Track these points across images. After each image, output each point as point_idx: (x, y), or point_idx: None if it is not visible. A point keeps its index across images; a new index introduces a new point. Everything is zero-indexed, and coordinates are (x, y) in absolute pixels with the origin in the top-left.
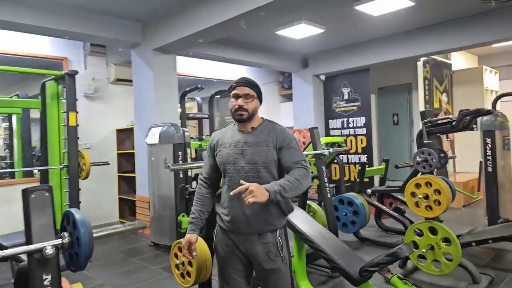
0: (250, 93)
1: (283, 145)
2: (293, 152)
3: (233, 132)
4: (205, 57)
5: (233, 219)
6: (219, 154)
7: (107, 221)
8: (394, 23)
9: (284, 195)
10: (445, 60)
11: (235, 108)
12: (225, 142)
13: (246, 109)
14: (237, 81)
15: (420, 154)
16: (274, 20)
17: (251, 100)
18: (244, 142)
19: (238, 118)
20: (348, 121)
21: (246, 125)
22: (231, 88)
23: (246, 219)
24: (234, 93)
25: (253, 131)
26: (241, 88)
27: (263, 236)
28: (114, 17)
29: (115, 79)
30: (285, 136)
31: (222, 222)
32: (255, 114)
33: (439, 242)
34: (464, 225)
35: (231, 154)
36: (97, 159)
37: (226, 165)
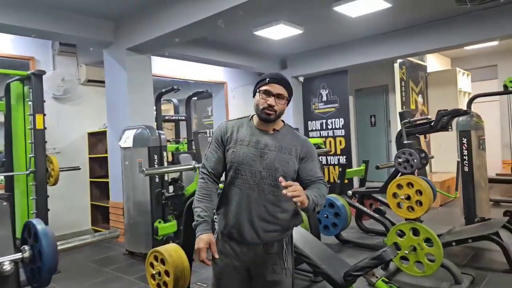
0: (284, 94)
1: (306, 156)
2: (315, 165)
3: (251, 129)
4: (182, 57)
5: (238, 226)
6: (234, 151)
7: (79, 229)
8: (372, 25)
9: (315, 207)
10: (421, 62)
11: (264, 106)
12: (241, 138)
13: (276, 110)
14: (271, 75)
15: (401, 154)
16: (252, 20)
17: (284, 102)
18: (265, 145)
19: (264, 117)
20: (327, 123)
21: (269, 126)
22: (263, 82)
23: (253, 227)
24: (266, 89)
25: (275, 133)
26: (275, 86)
27: (269, 246)
28: (85, 15)
29: (86, 80)
30: (309, 147)
31: (224, 228)
32: (281, 116)
33: (421, 243)
34: (442, 224)
35: (249, 155)
36: (67, 164)
37: (241, 166)
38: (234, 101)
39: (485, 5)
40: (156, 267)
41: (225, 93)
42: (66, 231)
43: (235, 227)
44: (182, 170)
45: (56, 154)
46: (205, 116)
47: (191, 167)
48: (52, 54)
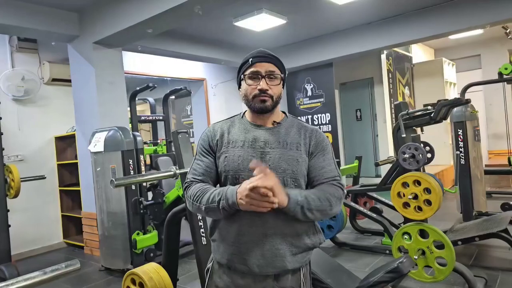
0: (276, 71)
1: (316, 149)
2: (328, 161)
3: (244, 126)
4: (156, 52)
5: (240, 253)
6: (226, 157)
7: (49, 242)
8: (358, 13)
9: (306, 212)
10: (406, 53)
11: (254, 93)
12: (234, 140)
13: (271, 94)
14: (255, 54)
15: (407, 149)
16: (232, 9)
17: (278, 83)
18: (265, 142)
19: (259, 107)
20: (312, 118)
21: (266, 118)
22: (246, 64)
23: (262, 252)
24: (253, 71)
25: (277, 126)
26: (263, 65)
27: (281, 279)
28: (45, 6)
29: (50, 79)
30: (321, 138)
31: (221, 255)
32: (279, 102)
33: (430, 246)
34: (439, 221)
35: (246, 158)
36: (32, 172)
37: (238, 173)
38: (215, 98)
39: None
40: None
41: (204, 90)
42: (34, 246)
43: (237, 253)
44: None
45: (19, 162)
46: (184, 116)
47: (171, 173)
48: (9, 51)
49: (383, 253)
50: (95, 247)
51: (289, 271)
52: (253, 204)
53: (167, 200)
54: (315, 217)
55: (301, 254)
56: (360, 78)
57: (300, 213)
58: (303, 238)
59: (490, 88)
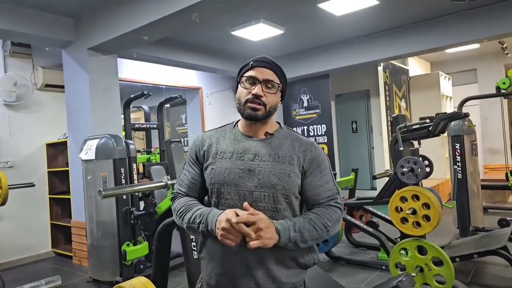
0: (274, 80)
1: (312, 166)
2: (326, 178)
3: (235, 136)
4: (152, 59)
5: (229, 274)
6: (212, 169)
7: (37, 251)
8: (355, 25)
9: (300, 245)
10: (403, 65)
11: (247, 97)
12: (223, 150)
13: (264, 102)
14: (257, 58)
15: (405, 163)
16: (229, 18)
17: (274, 92)
18: (255, 154)
19: (249, 114)
20: (308, 129)
21: (258, 129)
22: (246, 67)
23: (249, 272)
24: (251, 76)
25: (269, 138)
26: (262, 71)
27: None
28: (39, 11)
29: (43, 85)
30: (316, 152)
31: (209, 275)
32: (273, 113)
33: (429, 263)
34: (435, 236)
35: (233, 170)
36: (22, 179)
37: (223, 187)
38: (210, 107)
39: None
40: None
41: (200, 99)
42: (22, 255)
43: (225, 275)
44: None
45: (9, 168)
46: (179, 124)
47: (162, 184)
48: (2, 55)
49: (379, 269)
50: (84, 257)
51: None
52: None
53: (159, 210)
54: (307, 246)
55: (294, 275)
56: (357, 90)
57: (293, 247)
58: (297, 258)
59: (486, 103)
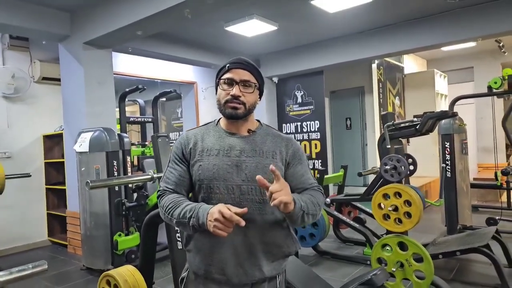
0: (251, 80)
1: (294, 159)
2: (306, 169)
3: (219, 134)
4: (147, 54)
5: (218, 264)
6: (201, 166)
7: (34, 240)
8: (349, 23)
9: (305, 216)
10: (398, 63)
11: (226, 98)
12: (209, 148)
13: (243, 101)
14: (233, 60)
15: (388, 161)
16: (223, 14)
17: (251, 91)
18: (240, 150)
19: (230, 113)
20: (302, 125)
21: (240, 126)
22: (223, 70)
23: (238, 261)
24: (228, 78)
25: (252, 135)
26: (239, 72)
27: (258, 287)
28: (37, 4)
29: (40, 78)
30: (296, 147)
31: (197, 266)
32: (253, 111)
33: (409, 259)
34: (422, 233)
35: (222, 166)
36: (19, 169)
37: (212, 182)
38: (205, 102)
39: (468, 2)
40: None
41: (195, 93)
42: (18, 243)
43: (214, 265)
44: (137, 182)
45: (7, 159)
46: (174, 118)
47: (148, 177)
48: (1, 48)
49: (364, 264)
50: (78, 246)
51: (265, 279)
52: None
53: (150, 202)
54: (308, 221)
55: (278, 262)
56: (351, 86)
57: (300, 218)
58: (281, 246)
59: (482, 101)
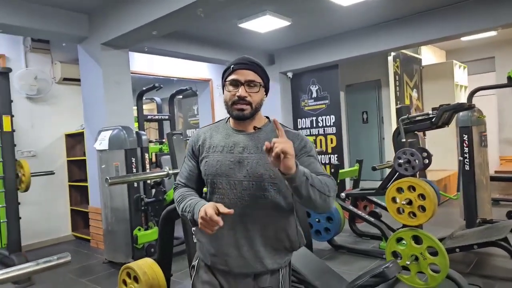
0: (256, 79)
1: (300, 152)
2: (313, 161)
3: (226, 131)
4: (162, 53)
5: (221, 254)
6: (206, 161)
7: (58, 235)
8: (364, 15)
9: (309, 187)
10: (415, 55)
11: (233, 99)
12: (215, 145)
13: (250, 102)
14: (237, 61)
15: (402, 155)
16: (236, 11)
17: (257, 90)
18: (244, 147)
19: (237, 114)
20: (317, 120)
21: (247, 124)
22: (228, 71)
23: (240, 253)
24: (233, 79)
25: (257, 132)
26: (243, 72)
27: (260, 279)
28: (56, 8)
29: (61, 79)
30: (304, 141)
31: (204, 255)
32: (259, 109)
33: (424, 252)
34: (441, 227)
35: (224, 162)
36: (44, 167)
37: (216, 178)
38: (220, 98)
39: None
40: (129, 285)
41: (210, 90)
42: (43, 238)
43: (218, 255)
44: (153, 178)
45: (31, 157)
46: (191, 115)
47: (164, 173)
48: (24, 51)
49: (380, 257)
50: (100, 240)
51: (268, 272)
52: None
53: (167, 198)
54: (316, 198)
55: (280, 256)
56: (367, 80)
57: (304, 185)
58: (283, 240)
59: (504, 92)
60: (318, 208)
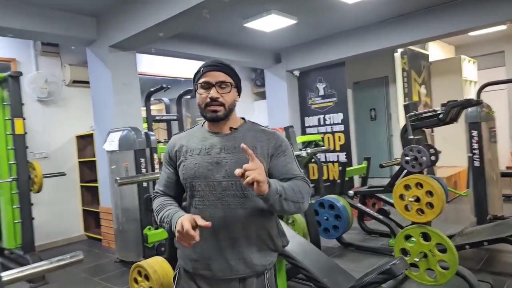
0: (226, 80)
1: (277, 151)
2: (290, 160)
3: (202, 135)
4: (169, 54)
5: (204, 259)
6: (183, 166)
7: (71, 235)
8: (369, 12)
9: (283, 202)
10: (422, 50)
11: (205, 102)
12: (192, 148)
13: (222, 102)
14: (206, 63)
15: (409, 152)
16: (241, 11)
17: (229, 91)
18: (221, 148)
19: (211, 116)
20: (324, 118)
21: (223, 125)
22: (198, 74)
23: (224, 256)
24: (204, 81)
25: (233, 132)
26: (214, 74)
27: (246, 283)
28: (64, 12)
29: (71, 81)
30: (280, 139)
31: (185, 262)
32: (233, 109)
33: (433, 249)
34: (451, 223)
35: (202, 165)
36: (55, 168)
37: (194, 180)
38: None
39: None
40: (140, 283)
41: None
42: (57, 238)
43: (200, 260)
44: None
45: (43, 159)
46: (199, 115)
47: None
48: (34, 55)
49: (389, 255)
50: (112, 240)
51: (253, 275)
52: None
53: None
54: (289, 208)
55: (264, 257)
56: (374, 77)
57: (277, 202)
58: (265, 240)
59: None
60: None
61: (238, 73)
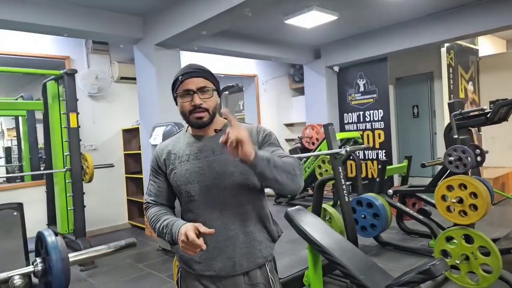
0: (207, 85)
1: (264, 142)
2: (276, 148)
3: (188, 140)
4: (211, 51)
5: (206, 259)
6: (174, 173)
7: (116, 223)
8: (414, 6)
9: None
10: (471, 45)
11: (189, 109)
12: (180, 155)
13: (206, 108)
14: (183, 71)
15: (453, 152)
16: (282, 8)
17: (210, 95)
18: (209, 150)
19: (196, 123)
20: (364, 115)
21: (207, 129)
22: (176, 83)
23: (225, 256)
24: (185, 89)
25: (219, 133)
26: (193, 81)
27: (250, 275)
28: (114, 12)
29: (119, 78)
30: (264, 132)
31: (186, 264)
32: (216, 113)
33: (475, 252)
34: (496, 227)
35: (193, 170)
36: (103, 160)
37: (188, 186)
38: (265, 94)
39: None
40: None
41: (256, 86)
42: (103, 225)
43: (203, 262)
44: None
45: (93, 151)
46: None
47: None
48: (86, 53)
49: (429, 256)
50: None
51: (255, 267)
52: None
53: None
54: (282, 179)
55: (265, 250)
56: (418, 72)
57: (267, 168)
58: (262, 232)
59: None
60: (289, 187)
61: (276, 67)
